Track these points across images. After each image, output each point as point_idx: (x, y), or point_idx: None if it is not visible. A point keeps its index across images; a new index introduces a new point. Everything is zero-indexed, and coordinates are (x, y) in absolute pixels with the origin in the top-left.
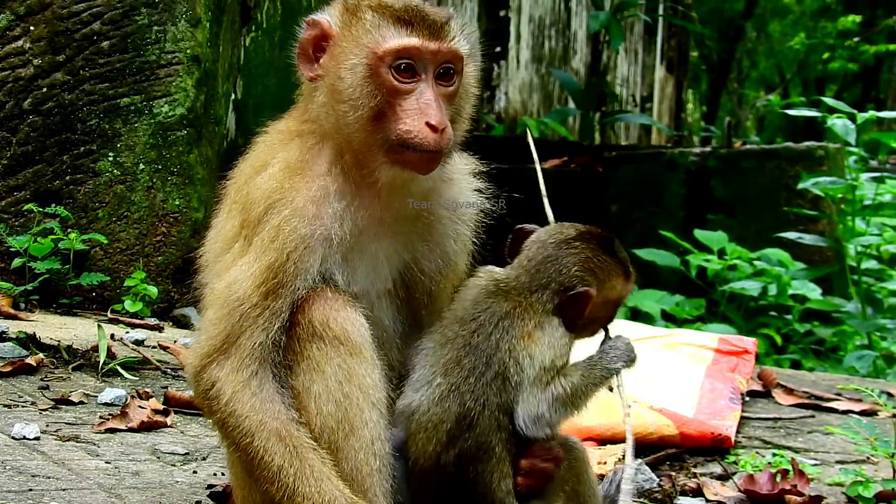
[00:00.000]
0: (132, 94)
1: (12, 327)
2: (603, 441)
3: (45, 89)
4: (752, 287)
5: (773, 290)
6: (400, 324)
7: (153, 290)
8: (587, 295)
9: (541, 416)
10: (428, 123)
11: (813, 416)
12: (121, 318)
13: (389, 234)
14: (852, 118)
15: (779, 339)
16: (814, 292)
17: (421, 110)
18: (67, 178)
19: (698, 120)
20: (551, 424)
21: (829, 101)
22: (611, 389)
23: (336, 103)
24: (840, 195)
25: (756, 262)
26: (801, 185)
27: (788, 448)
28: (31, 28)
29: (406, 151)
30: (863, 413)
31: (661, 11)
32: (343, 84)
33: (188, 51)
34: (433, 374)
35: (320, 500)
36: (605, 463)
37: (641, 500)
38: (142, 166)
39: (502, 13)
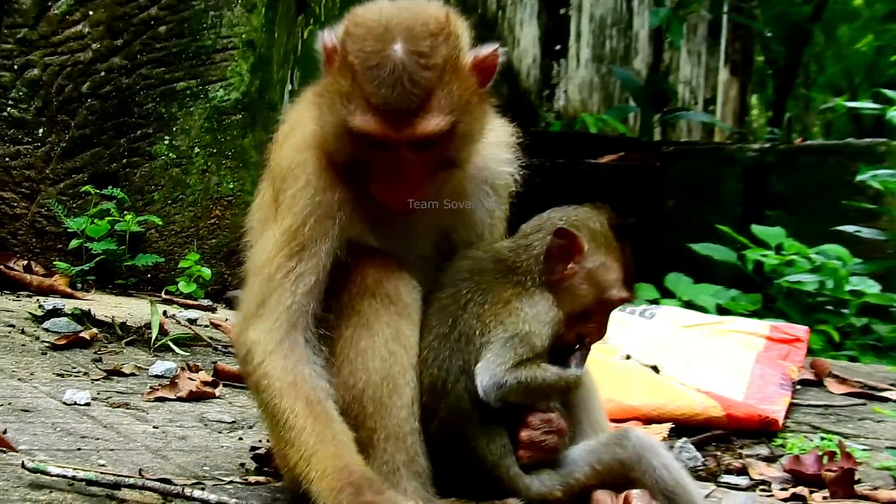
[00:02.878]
0: (188, 79)
1: (68, 305)
2: (648, 420)
3: (102, 73)
4: (808, 280)
5: (829, 284)
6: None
7: (207, 272)
8: (575, 239)
9: (502, 384)
10: (392, 191)
11: (864, 405)
12: (175, 299)
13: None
14: None
15: (836, 335)
16: (872, 287)
17: (387, 176)
18: (124, 160)
19: (764, 125)
20: (507, 396)
21: (889, 92)
22: (657, 371)
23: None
24: None
25: (814, 257)
26: (859, 178)
27: (838, 433)
28: (90, 13)
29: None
30: None
31: (724, 10)
32: (325, 129)
33: (243, 35)
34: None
35: (338, 465)
36: None
37: None
38: (197, 150)
39: (562, 11)
